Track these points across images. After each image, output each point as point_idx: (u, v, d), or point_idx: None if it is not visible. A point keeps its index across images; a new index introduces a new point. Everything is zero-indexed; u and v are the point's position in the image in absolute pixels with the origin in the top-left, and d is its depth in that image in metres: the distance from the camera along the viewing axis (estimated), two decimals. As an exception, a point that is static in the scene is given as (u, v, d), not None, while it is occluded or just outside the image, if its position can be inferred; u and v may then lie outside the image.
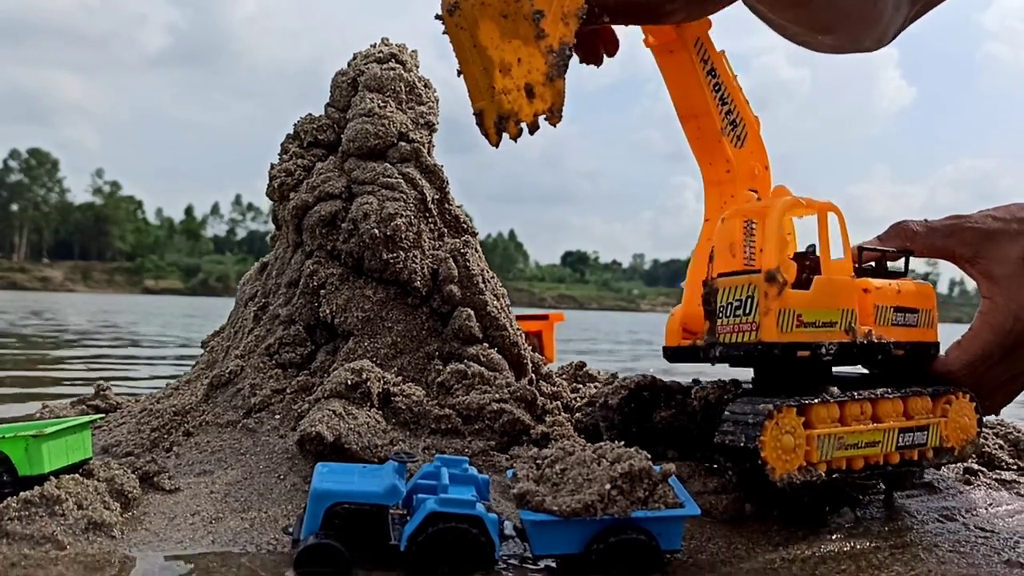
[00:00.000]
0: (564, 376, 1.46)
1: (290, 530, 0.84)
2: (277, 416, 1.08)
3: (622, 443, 0.88)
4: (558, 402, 1.17)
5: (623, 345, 6.63)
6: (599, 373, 1.46)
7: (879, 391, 0.96)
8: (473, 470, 0.88)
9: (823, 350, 0.92)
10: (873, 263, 1.06)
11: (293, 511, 0.94)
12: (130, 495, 0.93)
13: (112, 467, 0.99)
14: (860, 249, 1.04)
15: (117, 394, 1.40)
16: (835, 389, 0.94)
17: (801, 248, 1.02)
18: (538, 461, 0.89)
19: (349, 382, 1.03)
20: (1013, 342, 1.01)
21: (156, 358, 3.43)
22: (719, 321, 0.95)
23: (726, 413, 0.92)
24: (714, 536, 0.92)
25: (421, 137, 1.24)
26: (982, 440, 1.25)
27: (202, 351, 1.39)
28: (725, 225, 1.00)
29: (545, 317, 1.91)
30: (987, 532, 0.96)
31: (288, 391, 1.11)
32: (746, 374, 1.06)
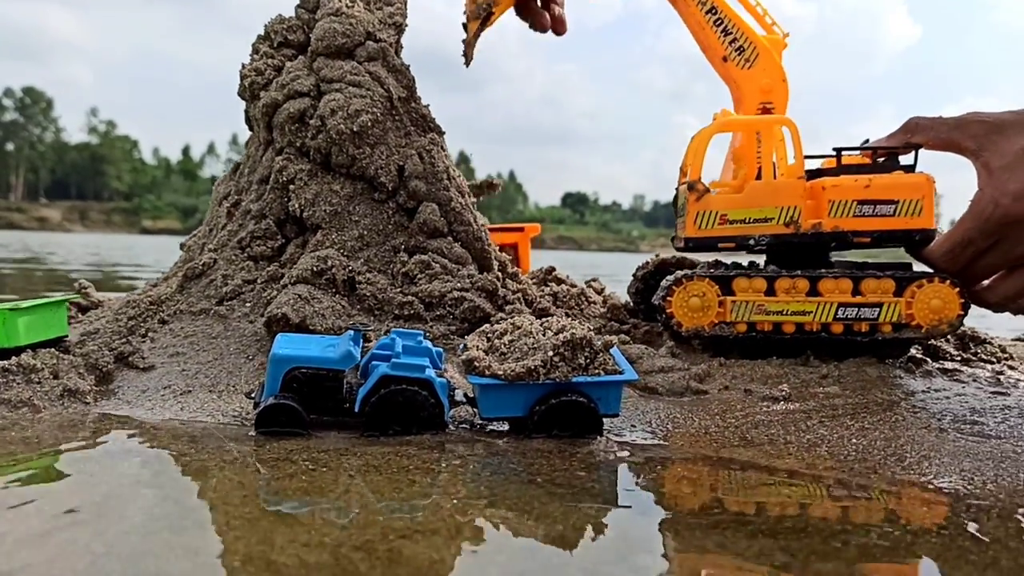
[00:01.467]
0: (533, 279, 1.50)
1: (252, 395, 0.89)
2: (248, 304, 1.13)
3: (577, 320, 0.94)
4: (520, 295, 1.22)
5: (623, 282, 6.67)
6: (567, 277, 1.50)
7: (822, 271, 1.13)
8: (428, 343, 0.92)
9: (752, 242, 1.14)
10: (881, 159, 1.18)
11: (256, 374, 0.99)
12: (104, 369, 0.98)
13: (88, 345, 1.04)
14: (837, 150, 1.18)
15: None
16: (772, 267, 1.17)
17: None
18: (488, 334, 0.94)
19: (315, 268, 1.07)
20: (995, 228, 1.04)
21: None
22: (678, 219, 1.18)
23: (663, 281, 1.18)
24: (658, 409, 0.97)
25: (388, 37, 1.26)
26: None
27: (181, 251, 1.43)
28: (695, 141, 1.20)
29: (520, 229, 1.95)
30: (918, 409, 1.01)
31: (259, 281, 1.15)
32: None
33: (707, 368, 1.10)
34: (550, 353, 0.85)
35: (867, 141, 1.24)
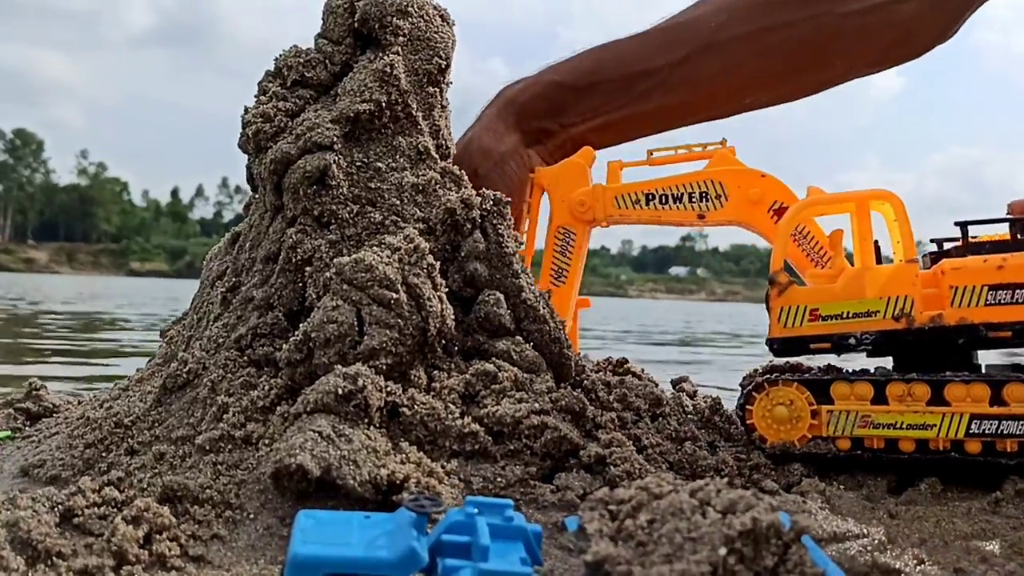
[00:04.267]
0: (598, 371, 1.19)
1: (259, 611, 0.58)
2: (247, 431, 0.82)
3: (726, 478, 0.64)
4: (611, 414, 0.91)
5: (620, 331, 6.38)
6: (642, 371, 1.19)
7: (947, 374, 0.94)
8: (520, 518, 0.62)
9: (851, 340, 0.96)
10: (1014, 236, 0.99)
11: (266, 566, 0.68)
12: (39, 546, 0.66)
13: (20, 504, 0.72)
14: (962, 225, 0.99)
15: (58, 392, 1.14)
16: (882, 368, 1.01)
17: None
18: (612, 507, 0.63)
19: (340, 391, 0.77)
20: None
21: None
22: (770, 318, 1.01)
23: (742, 384, 1.05)
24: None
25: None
26: None
27: (161, 343, 1.12)
28: (780, 232, 1.03)
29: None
30: None
31: (262, 398, 0.85)
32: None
33: (884, 528, 0.80)
34: (722, 551, 0.55)
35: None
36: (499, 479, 0.79)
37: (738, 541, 0.56)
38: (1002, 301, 0.94)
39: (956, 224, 1.00)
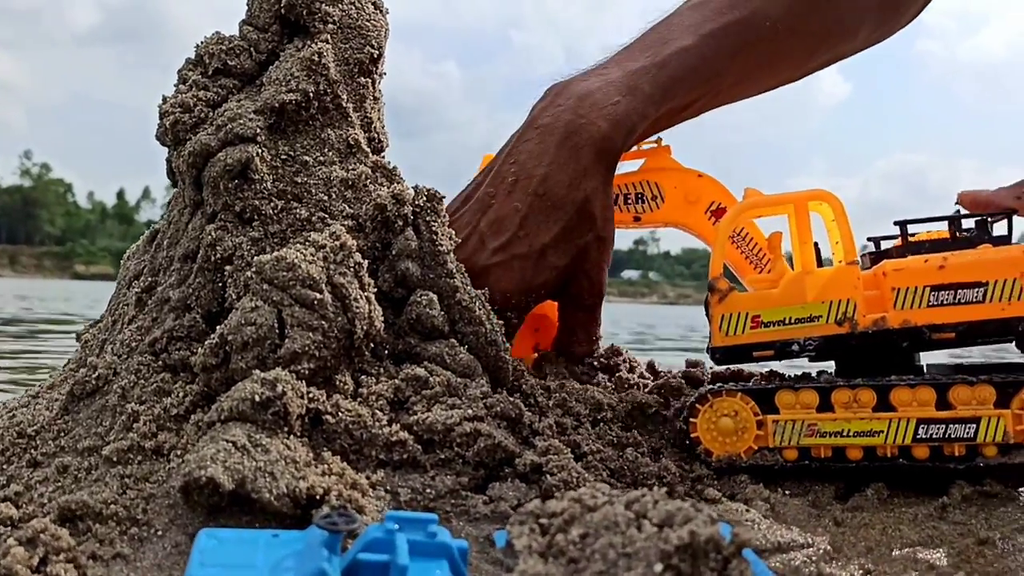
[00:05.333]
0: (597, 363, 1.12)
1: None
2: (158, 441, 0.77)
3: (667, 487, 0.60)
4: (550, 419, 0.87)
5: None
6: (634, 359, 1.13)
7: (894, 377, 0.91)
8: (445, 533, 0.58)
9: (795, 347, 0.93)
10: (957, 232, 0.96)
11: (172, 587, 0.63)
12: (-82, 571, 0.60)
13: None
14: (901, 224, 0.96)
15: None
16: (825, 375, 1.00)
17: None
18: (543, 520, 0.59)
19: (258, 398, 0.72)
20: None
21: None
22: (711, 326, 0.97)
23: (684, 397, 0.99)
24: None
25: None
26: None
27: (76, 346, 1.06)
28: (719, 233, 1.00)
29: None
30: None
31: (176, 406, 0.79)
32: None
33: (830, 536, 0.77)
34: (657, 568, 0.51)
35: (958, 211, 1.04)
36: (428, 490, 0.75)
37: (675, 556, 0.53)
38: (944, 302, 0.91)
39: (895, 224, 0.97)
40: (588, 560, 0.55)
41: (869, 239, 1.03)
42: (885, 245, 1.00)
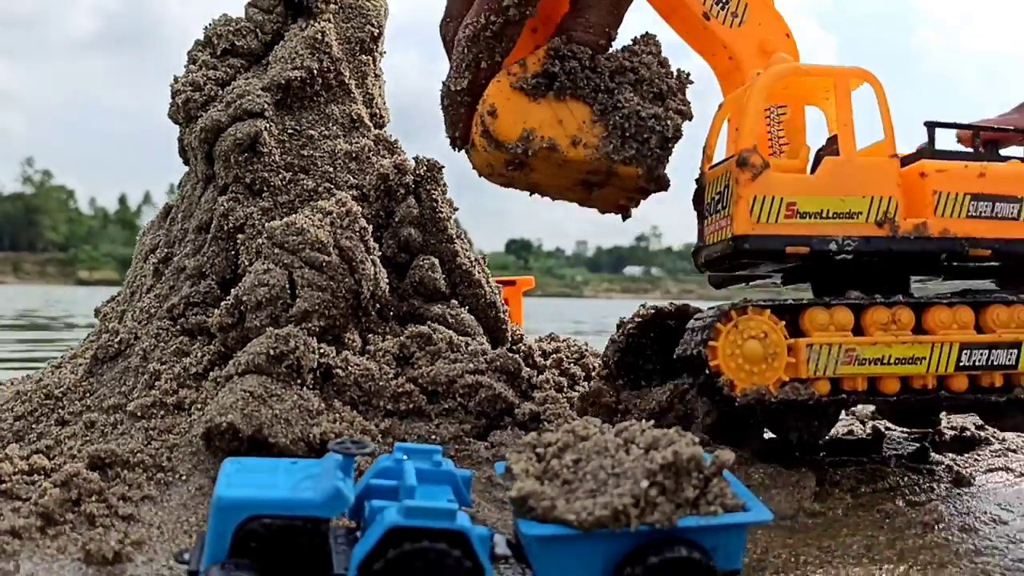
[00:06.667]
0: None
1: (185, 557, 0.58)
2: (179, 397, 0.82)
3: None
4: (548, 374, 0.92)
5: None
6: (586, 345, 1.19)
7: (934, 296, 0.82)
8: (448, 463, 0.63)
9: (832, 246, 0.79)
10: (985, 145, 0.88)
11: (197, 525, 0.68)
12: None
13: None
14: (930, 126, 0.87)
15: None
16: (855, 292, 0.81)
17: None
18: (539, 449, 0.64)
19: (272, 352, 0.77)
20: None
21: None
22: (706, 220, 0.85)
23: (691, 321, 0.81)
24: (773, 544, 0.69)
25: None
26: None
27: (95, 320, 1.11)
28: (723, 108, 0.88)
29: (512, 282, 1.67)
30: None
31: (195, 364, 0.84)
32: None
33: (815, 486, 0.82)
34: (643, 484, 0.56)
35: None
36: (433, 437, 0.80)
37: (660, 474, 0.58)
38: (983, 214, 0.84)
39: (925, 124, 0.89)
40: (580, 481, 0.60)
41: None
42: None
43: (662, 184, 0.82)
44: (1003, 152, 0.90)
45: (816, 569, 0.65)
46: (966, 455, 0.93)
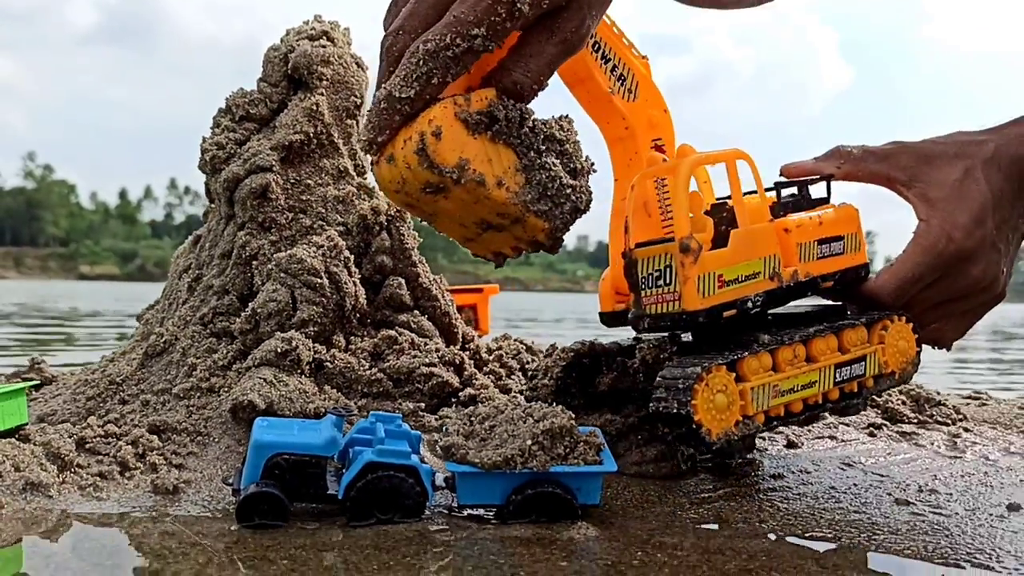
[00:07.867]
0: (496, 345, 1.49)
1: (230, 480, 0.88)
2: (211, 383, 1.11)
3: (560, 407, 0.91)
4: (487, 368, 1.22)
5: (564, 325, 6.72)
6: (532, 343, 1.49)
7: (811, 330, 0.96)
8: (406, 426, 0.92)
9: (749, 304, 0.92)
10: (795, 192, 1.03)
11: (228, 470, 0.97)
12: (66, 458, 0.95)
13: (48, 432, 1.01)
14: (778, 185, 1.03)
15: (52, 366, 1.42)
16: (765, 336, 0.94)
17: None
18: (471, 417, 0.94)
19: (279, 350, 1.06)
20: (945, 263, 0.99)
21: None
22: (643, 292, 0.95)
23: (658, 379, 0.92)
24: (630, 485, 0.98)
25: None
26: (887, 396, 1.33)
27: (137, 324, 1.40)
28: (636, 190, 0.98)
29: (479, 290, 1.96)
30: (882, 476, 1.03)
31: (222, 359, 1.13)
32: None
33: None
34: (528, 442, 0.85)
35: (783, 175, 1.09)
36: (397, 411, 1.09)
37: (541, 436, 0.87)
38: (825, 254, 1.00)
39: (775, 184, 1.02)
40: (489, 438, 0.89)
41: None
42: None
43: (556, 246, 0.91)
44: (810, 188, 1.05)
45: (656, 504, 0.94)
46: (805, 427, 1.22)
